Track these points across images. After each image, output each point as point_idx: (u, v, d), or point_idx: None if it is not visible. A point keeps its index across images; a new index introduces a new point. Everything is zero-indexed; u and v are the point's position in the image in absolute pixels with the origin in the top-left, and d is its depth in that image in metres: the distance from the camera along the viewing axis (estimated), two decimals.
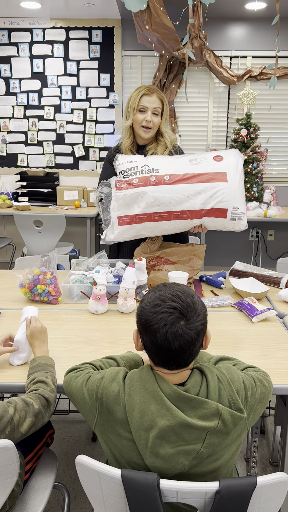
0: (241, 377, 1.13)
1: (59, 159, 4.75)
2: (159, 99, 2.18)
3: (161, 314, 1.06)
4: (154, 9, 3.52)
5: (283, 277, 2.18)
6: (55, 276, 1.96)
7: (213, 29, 4.43)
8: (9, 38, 4.49)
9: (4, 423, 1.13)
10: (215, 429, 1.04)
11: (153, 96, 2.16)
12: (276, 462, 2.21)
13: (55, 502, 1.97)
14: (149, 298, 1.11)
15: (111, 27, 4.41)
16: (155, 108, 2.16)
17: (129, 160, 2.06)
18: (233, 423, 1.06)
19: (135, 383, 1.10)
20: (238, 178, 2.00)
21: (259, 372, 1.23)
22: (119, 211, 2.01)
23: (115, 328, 1.76)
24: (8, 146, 4.73)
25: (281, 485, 1.00)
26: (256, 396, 1.14)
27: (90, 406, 1.13)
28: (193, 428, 1.03)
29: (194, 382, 1.09)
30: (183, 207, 1.97)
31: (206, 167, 2.00)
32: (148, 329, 1.07)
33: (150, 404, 1.05)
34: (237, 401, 1.08)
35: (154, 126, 2.19)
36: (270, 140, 4.70)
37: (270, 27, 4.39)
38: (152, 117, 2.17)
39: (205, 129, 4.69)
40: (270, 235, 4.95)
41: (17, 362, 1.48)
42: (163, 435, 1.03)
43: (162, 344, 1.05)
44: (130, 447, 1.08)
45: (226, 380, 1.10)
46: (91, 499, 1.11)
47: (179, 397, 1.05)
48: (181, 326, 1.05)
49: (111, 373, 1.15)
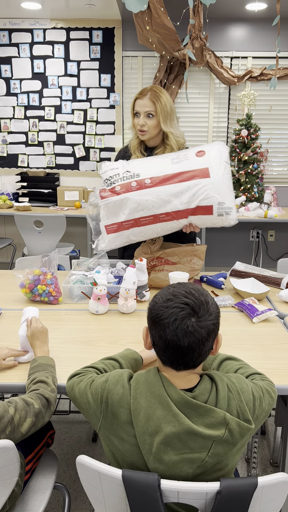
0: (251, 388, 1.11)
1: (60, 160, 4.75)
2: (151, 100, 2.13)
3: (173, 308, 1.04)
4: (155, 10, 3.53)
5: (284, 278, 2.18)
6: (55, 277, 1.96)
7: (214, 30, 4.43)
8: (9, 39, 4.49)
9: (5, 423, 1.12)
10: (221, 438, 1.02)
11: (145, 99, 2.14)
12: (277, 463, 2.21)
13: (55, 503, 1.96)
14: (162, 294, 1.10)
15: (112, 28, 4.41)
16: (147, 111, 2.14)
17: (112, 168, 2.04)
18: (240, 433, 1.04)
19: (141, 386, 1.08)
20: (222, 171, 1.95)
21: (266, 382, 1.21)
22: (106, 220, 2.01)
23: (116, 328, 1.76)
24: (9, 146, 4.74)
25: (282, 486, 1.00)
26: (264, 407, 1.12)
27: (95, 409, 1.12)
28: (199, 436, 1.01)
29: (203, 389, 1.07)
30: (166, 209, 1.95)
31: (188, 164, 1.96)
32: (158, 324, 1.05)
33: (156, 409, 1.04)
34: (246, 411, 1.06)
35: (149, 129, 2.17)
36: (270, 140, 4.70)
37: (270, 27, 4.39)
38: (146, 120, 2.15)
39: (206, 130, 4.70)
40: (271, 235, 4.95)
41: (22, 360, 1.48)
42: (168, 442, 1.02)
43: (171, 340, 1.03)
44: (133, 452, 1.07)
45: (236, 389, 1.08)
46: (92, 500, 1.11)
47: (186, 403, 1.03)
48: (192, 322, 1.03)
49: (115, 375, 1.13)
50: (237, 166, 4.51)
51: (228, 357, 1.34)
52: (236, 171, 4.50)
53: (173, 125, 2.21)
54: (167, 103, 2.16)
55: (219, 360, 1.34)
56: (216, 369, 1.33)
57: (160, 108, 2.14)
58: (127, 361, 1.35)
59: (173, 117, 2.21)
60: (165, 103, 2.16)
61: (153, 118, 2.16)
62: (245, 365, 1.31)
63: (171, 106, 2.19)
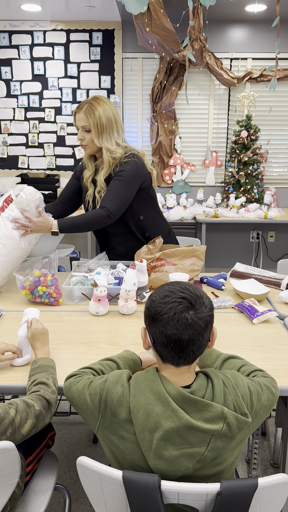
0: (246, 383, 1.13)
1: (60, 161, 4.76)
2: (85, 115, 2.08)
3: (171, 304, 1.08)
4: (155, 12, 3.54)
5: (284, 279, 2.18)
6: (55, 278, 1.96)
7: (213, 31, 4.44)
8: (10, 41, 4.50)
9: (6, 424, 1.13)
10: (219, 432, 1.04)
11: (81, 113, 2.10)
12: (277, 464, 2.21)
13: (56, 504, 1.96)
14: (158, 292, 1.13)
15: (112, 30, 4.42)
16: (83, 126, 2.11)
17: None
18: (238, 427, 1.06)
19: (140, 384, 1.10)
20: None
21: (267, 379, 1.22)
22: None
23: (116, 329, 1.76)
24: (9, 148, 4.74)
25: (283, 487, 1.00)
26: (263, 402, 1.13)
27: (93, 410, 1.13)
28: (198, 430, 1.03)
29: (200, 385, 1.09)
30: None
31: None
32: (157, 320, 1.08)
33: (155, 405, 1.05)
34: (242, 405, 1.08)
35: (88, 143, 2.13)
36: (270, 141, 4.71)
37: (270, 29, 4.40)
38: (83, 135, 2.12)
39: (206, 131, 4.70)
40: (271, 236, 4.95)
41: (20, 363, 1.48)
42: (167, 437, 1.03)
43: (172, 334, 1.06)
44: (133, 449, 1.08)
45: (231, 384, 1.10)
46: (92, 501, 1.11)
47: (184, 399, 1.05)
48: (190, 315, 1.06)
49: (114, 375, 1.14)
50: (237, 167, 4.52)
51: (231, 355, 1.36)
52: (236, 172, 4.51)
53: (110, 138, 2.12)
54: (103, 116, 2.07)
55: (222, 359, 1.35)
56: (219, 367, 1.34)
57: (93, 122, 2.08)
58: (125, 362, 1.36)
59: (110, 130, 2.11)
60: (99, 116, 2.07)
61: (90, 132, 2.11)
62: (248, 363, 1.32)
63: (108, 117, 2.09)
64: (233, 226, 4.91)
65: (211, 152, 4.72)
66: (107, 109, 2.10)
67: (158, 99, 4.54)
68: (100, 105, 2.09)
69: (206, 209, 4.28)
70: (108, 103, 2.12)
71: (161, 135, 4.60)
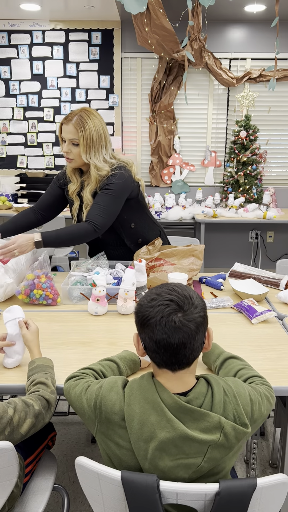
0: (248, 392, 1.11)
1: (59, 161, 4.75)
2: (75, 127, 1.98)
3: (158, 307, 1.03)
4: (154, 11, 3.53)
5: (283, 279, 2.18)
6: (49, 277, 1.95)
7: (213, 31, 4.44)
8: (9, 40, 4.49)
9: (4, 423, 1.12)
10: (216, 442, 1.01)
11: (69, 125, 1.99)
12: (276, 464, 2.21)
13: (54, 504, 1.96)
14: (146, 296, 1.09)
15: (111, 29, 4.42)
16: (71, 139, 2.01)
17: None
18: (235, 437, 1.03)
19: (134, 393, 1.07)
20: None
21: (265, 387, 1.20)
22: None
23: (115, 329, 1.76)
24: (8, 147, 4.74)
25: (281, 487, 1.00)
26: (263, 411, 1.11)
27: (90, 415, 1.11)
28: (193, 441, 1.00)
29: (198, 393, 1.06)
30: None
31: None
32: (146, 325, 1.04)
33: (150, 414, 1.03)
34: (242, 415, 1.05)
35: (75, 157, 2.04)
36: (269, 142, 4.71)
37: (269, 29, 4.40)
38: (70, 148, 2.02)
39: (205, 131, 4.70)
40: (270, 236, 4.96)
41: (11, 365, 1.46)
42: (163, 447, 1.01)
43: (161, 339, 1.02)
44: (129, 456, 1.06)
45: (233, 393, 1.07)
46: (91, 501, 1.10)
47: (180, 408, 1.02)
48: (178, 318, 1.02)
49: (109, 382, 1.12)
50: (236, 167, 4.52)
51: (232, 356, 1.34)
52: (235, 172, 4.51)
53: (98, 154, 2.04)
54: (93, 130, 1.99)
55: (222, 358, 1.34)
56: (219, 366, 1.33)
57: (83, 136, 1.99)
58: (125, 362, 1.35)
59: (99, 145, 2.04)
60: (90, 130, 1.99)
61: (78, 146, 2.02)
62: (248, 366, 1.31)
63: (98, 132, 2.02)
64: (232, 226, 4.91)
65: (210, 152, 4.72)
66: (97, 124, 2.02)
67: (157, 99, 4.54)
68: (91, 118, 2.01)
69: (205, 209, 4.29)
70: (98, 117, 2.05)
71: (160, 135, 4.60)
